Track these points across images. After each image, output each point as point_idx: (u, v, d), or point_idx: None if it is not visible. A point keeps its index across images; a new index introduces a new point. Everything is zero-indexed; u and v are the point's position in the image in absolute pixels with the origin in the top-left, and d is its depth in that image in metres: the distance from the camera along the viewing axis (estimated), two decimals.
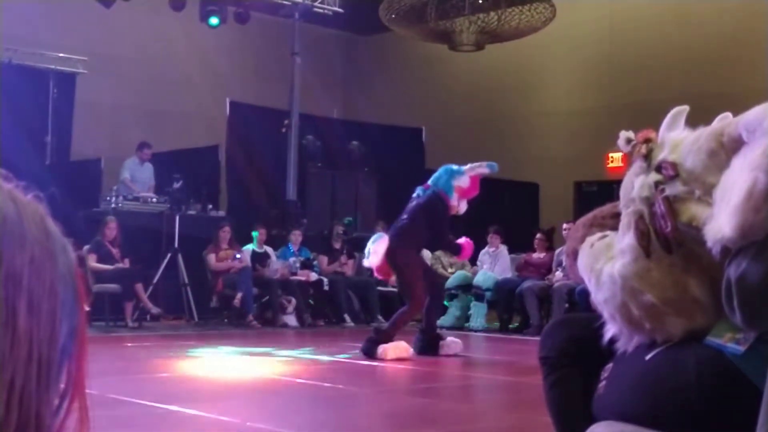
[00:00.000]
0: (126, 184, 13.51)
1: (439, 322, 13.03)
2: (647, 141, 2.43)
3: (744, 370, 2.12)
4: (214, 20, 15.08)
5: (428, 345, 9.04)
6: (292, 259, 13.10)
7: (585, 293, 2.62)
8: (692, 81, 15.43)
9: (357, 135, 16.60)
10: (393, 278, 10.33)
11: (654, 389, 2.29)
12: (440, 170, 9.14)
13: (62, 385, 0.88)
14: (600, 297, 2.44)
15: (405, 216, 9.05)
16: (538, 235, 13.11)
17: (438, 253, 14.11)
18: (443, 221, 9.07)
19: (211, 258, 12.50)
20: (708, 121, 2.36)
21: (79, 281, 0.89)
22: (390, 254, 8.81)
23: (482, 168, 9.09)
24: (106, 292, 11.60)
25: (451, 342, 9.17)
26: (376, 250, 8.90)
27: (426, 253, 14.20)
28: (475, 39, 15.23)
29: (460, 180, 8.91)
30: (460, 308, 12.99)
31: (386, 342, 8.77)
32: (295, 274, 12.96)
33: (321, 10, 16.09)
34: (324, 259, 13.70)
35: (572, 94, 18.06)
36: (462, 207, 9.08)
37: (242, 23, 15.88)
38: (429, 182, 9.10)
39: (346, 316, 13.11)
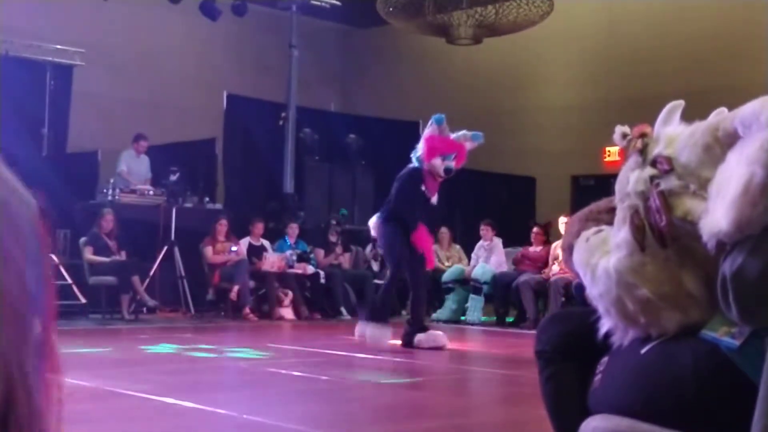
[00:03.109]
0: (122, 176, 13.50)
1: (435, 316, 13.10)
2: (642, 136, 2.44)
3: (739, 364, 2.12)
4: None
5: (410, 337, 8.92)
6: (288, 252, 13.10)
7: (581, 287, 2.62)
8: (689, 76, 15.43)
9: (354, 128, 16.60)
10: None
11: (649, 383, 2.29)
12: None
13: (37, 333, 0.89)
14: (595, 291, 2.45)
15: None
16: (535, 229, 13.11)
17: (434, 246, 14.11)
18: (401, 193, 8.96)
19: (208, 251, 12.50)
20: (704, 116, 2.36)
21: (42, 230, 0.94)
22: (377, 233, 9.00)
23: (465, 136, 9.07)
24: (102, 284, 11.60)
25: (428, 336, 8.91)
26: (374, 224, 9.14)
27: None
28: (472, 33, 15.21)
29: (427, 138, 8.88)
30: (456, 301, 13.00)
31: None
32: (291, 267, 12.97)
33: (318, 3, 16.08)
34: (321, 252, 13.71)
35: (569, 88, 18.05)
36: (438, 167, 8.86)
37: (240, 16, 15.86)
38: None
39: (343, 309, 13.13)
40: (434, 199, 9.15)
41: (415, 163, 8.99)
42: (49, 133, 15.30)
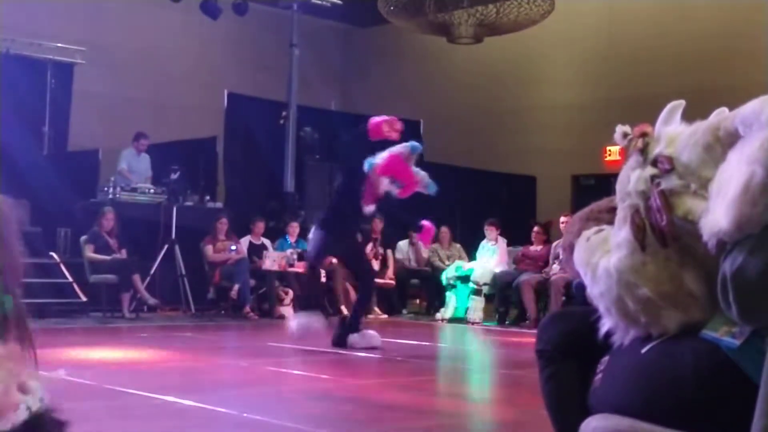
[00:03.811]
0: (123, 174, 13.51)
1: (438, 315, 13.10)
2: (643, 135, 2.44)
3: (740, 364, 2.12)
4: None
5: (342, 337, 8.66)
6: (289, 251, 13.11)
7: (582, 287, 2.62)
8: (690, 75, 15.43)
9: (355, 127, 16.58)
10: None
11: (650, 382, 2.29)
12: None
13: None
14: (596, 291, 2.45)
15: None
16: (536, 228, 13.11)
17: (435, 246, 14.11)
18: (347, 188, 8.76)
19: (209, 249, 12.50)
20: (704, 116, 2.36)
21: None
22: None
23: (424, 180, 8.77)
24: (103, 282, 11.61)
25: (363, 337, 8.66)
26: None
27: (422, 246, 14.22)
28: (473, 32, 15.21)
29: (393, 156, 8.70)
30: (458, 299, 13.01)
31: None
32: (292, 265, 12.97)
33: (319, 2, 16.08)
34: None
35: (570, 88, 18.05)
36: (383, 185, 8.65)
37: (240, 15, 15.86)
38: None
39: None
40: (367, 209, 8.77)
41: (365, 166, 8.66)
42: (49, 131, 15.32)
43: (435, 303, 13.81)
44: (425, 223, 9.34)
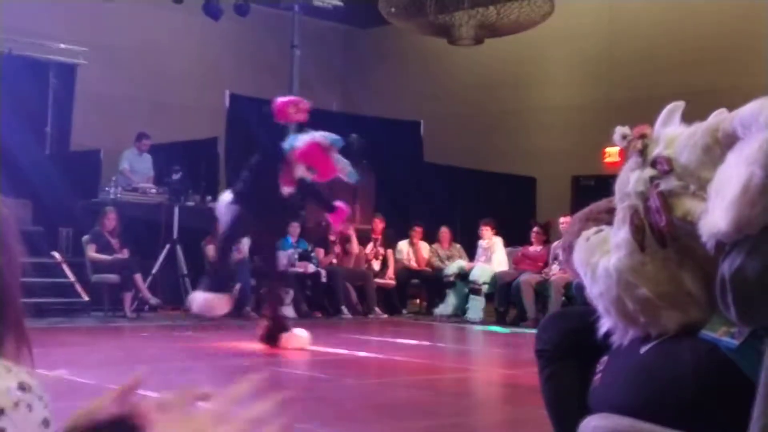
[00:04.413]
0: (125, 174, 13.53)
1: (437, 311, 13.12)
2: (642, 136, 2.45)
3: (738, 364, 2.13)
4: None
5: (271, 335, 8.46)
6: (290, 251, 13.12)
7: (581, 287, 2.63)
8: (689, 76, 15.43)
9: (356, 128, 16.57)
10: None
11: (649, 382, 2.30)
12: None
13: None
14: (595, 291, 2.46)
15: None
16: (535, 229, 13.12)
17: (435, 246, 14.14)
18: (258, 171, 8.54)
19: (210, 249, 12.51)
20: (704, 117, 2.37)
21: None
22: None
23: (323, 138, 8.64)
24: (105, 282, 11.62)
25: (293, 335, 8.49)
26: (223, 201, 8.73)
27: (424, 245, 14.25)
28: (474, 33, 15.21)
29: (313, 143, 8.51)
30: (457, 296, 13.02)
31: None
32: (293, 265, 12.99)
33: (321, 3, 16.08)
34: (321, 251, 13.73)
35: (570, 89, 18.05)
36: (299, 170, 8.51)
37: (242, 16, 15.86)
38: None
39: (344, 308, 13.14)
40: (286, 190, 8.57)
41: (285, 146, 8.50)
42: (52, 131, 15.32)
43: (435, 303, 13.83)
44: (339, 204, 9.16)
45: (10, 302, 1.04)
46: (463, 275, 13.02)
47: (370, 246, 14.24)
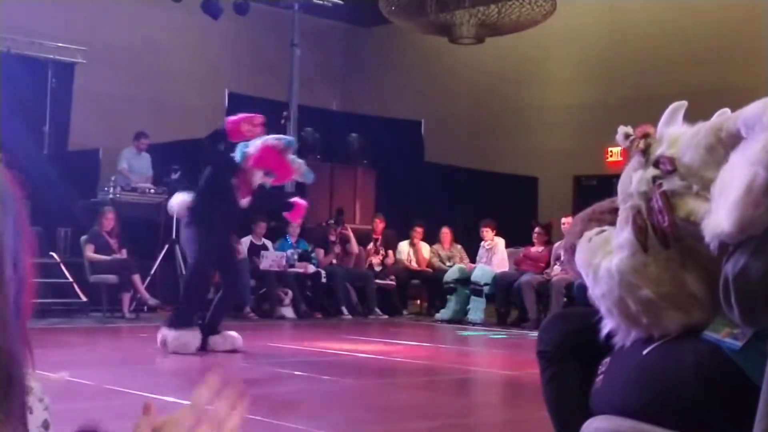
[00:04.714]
0: (123, 173, 13.51)
1: (438, 316, 13.10)
2: (645, 136, 2.43)
3: (741, 365, 2.12)
4: None
5: (202, 340, 8.19)
6: (289, 251, 13.10)
7: (583, 288, 2.61)
8: (692, 76, 15.43)
9: (356, 127, 16.60)
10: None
11: (651, 384, 2.29)
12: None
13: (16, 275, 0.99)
14: (597, 292, 2.44)
15: None
16: (537, 229, 13.10)
17: (436, 246, 14.12)
18: (213, 183, 8.26)
19: None
20: (707, 117, 2.36)
21: (9, 180, 1.05)
22: None
23: (276, 140, 8.24)
24: (103, 282, 11.60)
25: (224, 338, 8.28)
26: (179, 205, 8.46)
27: (424, 246, 14.23)
28: (475, 32, 15.20)
29: (266, 147, 8.14)
30: (458, 301, 13.00)
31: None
32: (293, 266, 12.97)
33: (321, 2, 16.08)
34: (321, 252, 13.72)
35: (572, 88, 18.05)
36: (257, 177, 8.26)
37: (241, 14, 15.85)
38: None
39: (344, 309, 13.12)
40: (244, 202, 8.37)
41: (237, 156, 8.18)
42: (50, 130, 15.31)
43: (435, 303, 13.82)
44: (295, 200, 8.91)
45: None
46: (463, 280, 12.98)
47: (370, 246, 14.24)
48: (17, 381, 0.98)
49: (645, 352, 2.34)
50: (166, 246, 12.39)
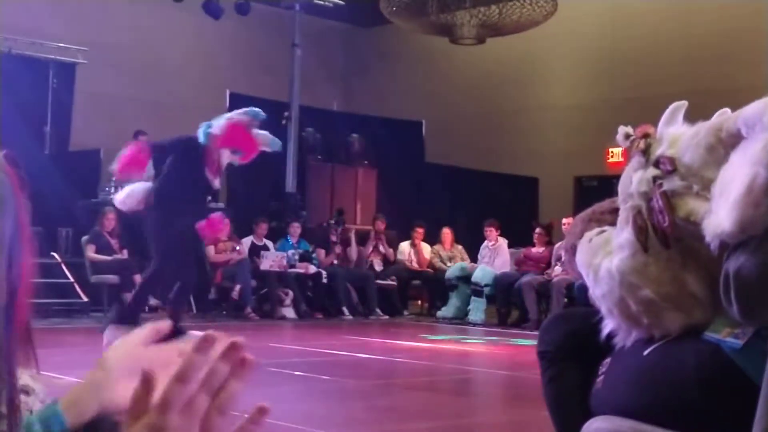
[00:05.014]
0: None
1: (440, 314, 13.10)
2: (646, 136, 2.43)
3: (742, 365, 2.12)
4: None
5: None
6: (290, 252, 13.10)
7: (584, 288, 2.61)
8: (692, 76, 15.42)
9: (357, 127, 16.60)
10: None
11: (652, 384, 2.29)
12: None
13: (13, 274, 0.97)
14: (598, 292, 2.44)
15: None
16: (537, 230, 13.10)
17: (437, 247, 14.11)
18: (177, 170, 8.00)
19: (210, 250, 12.50)
20: (707, 117, 2.36)
21: (13, 177, 1.03)
22: None
23: (241, 115, 8.02)
24: (104, 283, 11.61)
25: (117, 330, 7.81)
26: (135, 198, 8.26)
27: (425, 246, 14.23)
28: (476, 32, 15.20)
29: (215, 127, 7.94)
30: (460, 299, 13.01)
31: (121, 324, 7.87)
32: (293, 266, 12.97)
33: (322, 2, 16.09)
34: (322, 252, 13.72)
35: (573, 89, 18.04)
36: (224, 157, 8.09)
37: (243, 14, 15.86)
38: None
39: (345, 309, 13.12)
40: (216, 183, 8.26)
41: (201, 138, 7.95)
42: (51, 131, 15.31)
43: (436, 304, 13.82)
44: (212, 215, 8.49)
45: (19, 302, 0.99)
46: (465, 278, 12.99)
47: (370, 246, 14.23)
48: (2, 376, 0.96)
49: (646, 352, 2.34)
50: None
